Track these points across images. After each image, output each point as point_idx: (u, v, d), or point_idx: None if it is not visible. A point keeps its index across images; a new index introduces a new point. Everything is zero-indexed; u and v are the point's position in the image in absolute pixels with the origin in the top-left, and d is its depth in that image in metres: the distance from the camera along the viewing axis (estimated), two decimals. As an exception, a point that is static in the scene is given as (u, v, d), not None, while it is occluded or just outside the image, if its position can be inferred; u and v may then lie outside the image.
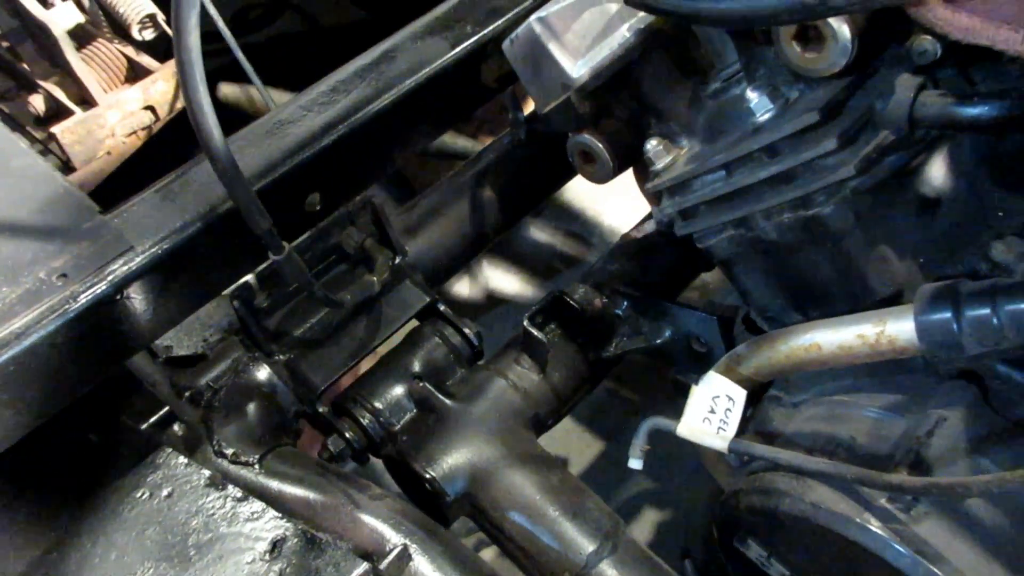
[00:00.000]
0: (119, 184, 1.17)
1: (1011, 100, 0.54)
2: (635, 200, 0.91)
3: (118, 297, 0.70)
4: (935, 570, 0.58)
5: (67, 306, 0.66)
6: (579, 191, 1.90)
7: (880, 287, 0.67)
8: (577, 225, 1.92)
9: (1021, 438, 0.60)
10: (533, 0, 0.91)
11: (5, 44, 1.16)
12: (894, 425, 0.64)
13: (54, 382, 0.69)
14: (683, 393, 0.74)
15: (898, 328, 0.62)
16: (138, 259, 0.69)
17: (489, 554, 1.16)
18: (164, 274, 0.72)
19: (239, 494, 0.72)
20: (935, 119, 0.58)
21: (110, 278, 0.68)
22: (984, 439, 0.61)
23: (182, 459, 0.74)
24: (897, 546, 0.59)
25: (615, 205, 1.80)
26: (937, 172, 0.67)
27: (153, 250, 0.70)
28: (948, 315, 0.59)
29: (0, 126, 0.82)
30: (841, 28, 0.55)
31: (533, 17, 0.73)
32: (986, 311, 0.57)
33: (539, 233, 1.92)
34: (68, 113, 1.04)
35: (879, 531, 0.60)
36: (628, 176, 0.86)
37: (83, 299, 0.67)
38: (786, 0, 0.48)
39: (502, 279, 1.81)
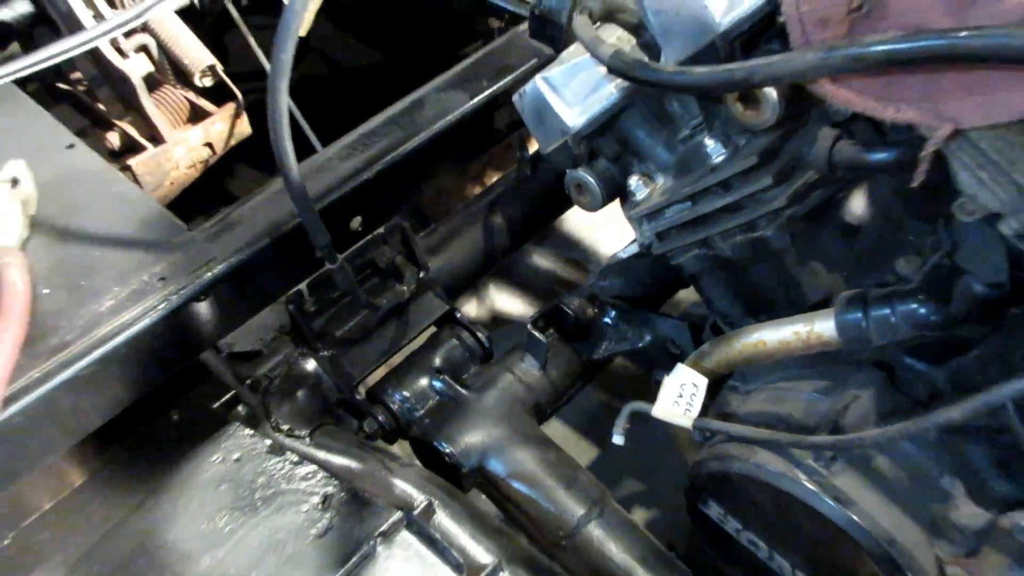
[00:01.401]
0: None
1: (903, 148, 0.71)
2: (621, 233, 1.08)
3: (202, 298, 0.87)
4: (848, 512, 0.74)
5: (166, 303, 0.83)
6: (575, 224, 2.07)
7: (812, 294, 0.84)
8: (574, 253, 2.09)
9: (917, 412, 0.76)
10: (537, 60, 1.09)
11: (82, 88, 1.35)
12: (821, 403, 0.81)
13: (150, 365, 0.85)
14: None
15: (823, 326, 0.79)
16: (219, 267, 0.87)
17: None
18: (237, 281, 0.89)
19: (295, 458, 0.88)
20: (848, 163, 0.74)
21: (198, 281, 0.85)
22: (888, 413, 0.78)
23: (248, 431, 0.90)
24: (819, 494, 0.75)
25: (605, 237, 1.98)
26: (857, 204, 0.84)
27: (231, 260, 0.87)
28: (859, 315, 0.75)
29: (100, 160, 1.00)
30: (771, 93, 0.72)
31: (538, 76, 0.90)
32: (886, 311, 0.74)
33: (540, 260, 2.09)
34: (140, 148, 1.22)
35: (806, 483, 0.76)
36: (615, 212, 1.03)
37: (177, 298, 0.84)
38: (723, 77, 0.65)
39: (507, 301, 1.98)
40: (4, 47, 1.38)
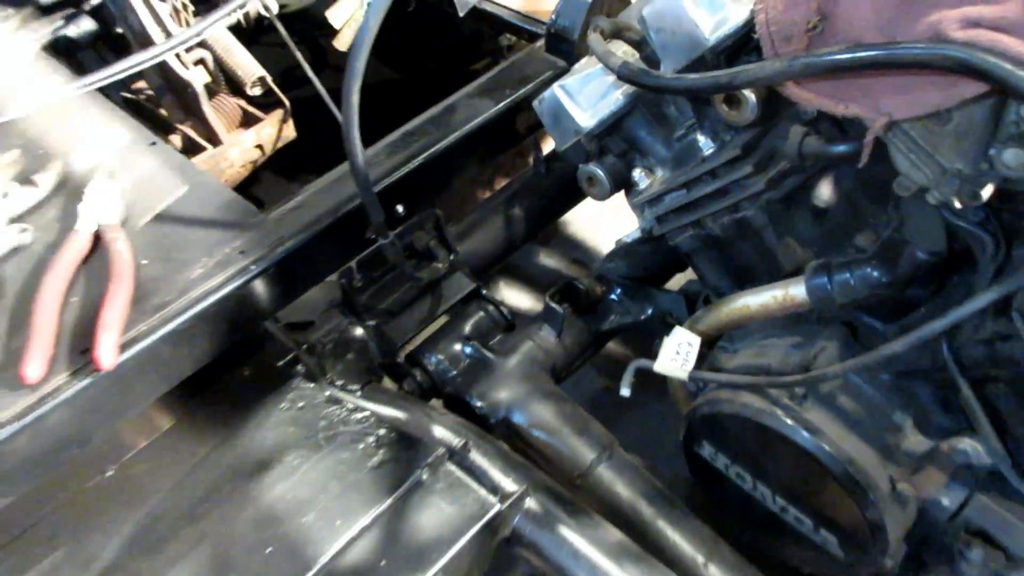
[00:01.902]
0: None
1: (858, 143, 0.87)
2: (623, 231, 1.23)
3: (272, 270, 1.03)
4: (816, 439, 0.90)
5: (246, 271, 0.99)
6: (581, 225, 2.24)
7: (787, 265, 1.00)
8: (579, 252, 2.26)
9: (873, 359, 0.92)
10: (551, 71, 1.26)
11: (143, 96, 1.51)
12: (794, 354, 0.96)
13: (230, 324, 1.01)
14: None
15: (796, 291, 0.94)
16: (289, 243, 1.03)
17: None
18: (302, 256, 1.05)
19: (351, 406, 1.03)
20: (814, 154, 0.90)
21: (272, 254, 1.01)
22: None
23: (309, 384, 1.06)
24: (793, 425, 0.91)
25: (608, 236, 2.14)
26: (825, 189, 1.00)
27: (298, 237, 1.03)
28: (825, 280, 0.91)
29: (179, 154, 1.16)
30: (749, 95, 0.88)
31: (555, 85, 1.06)
32: (847, 276, 0.90)
33: (547, 259, 2.25)
34: (200, 149, 1.38)
35: (782, 417, 0.91)
36: (617, 214, 1.18)
37: (255, 267, 1.00)
38: (711, 81, 0.81)
39: (517, 296, 2.14)
40: (70, 59, 1.54)
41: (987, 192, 0.72)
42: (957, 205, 0.73)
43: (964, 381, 0.84)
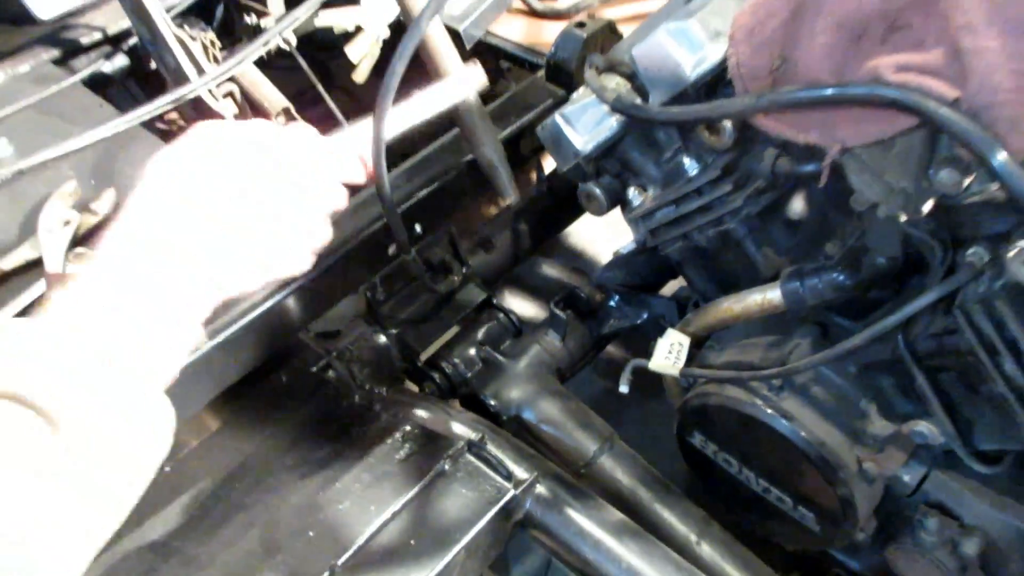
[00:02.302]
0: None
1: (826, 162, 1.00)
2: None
3: (307, 286, 1.15)
4: (791, 425, 1.02)
5: (285, 288, 1.11)
6: (580, 239, 2.37)
7: (766, 272, 1.11)
8: (579, 263, 2.38)
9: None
10: (552, 100, 1.39)
11: (175, 128, 1.64)
12: (773, 351, 1.08)
13: (271, 336, 1.13)
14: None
15: (773, 294, 1.06)
16: (321, 261, 1.14)
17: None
18: (332, 273, 1.17)
19: (379, 406, 1.15)
20: (786, 173, 1.02)
21: (307, 272, 1.13)
22: (821, 355, 1.06)
23: (341, 387, 1.18)
24: (771, 413, 1.03)
25: (606, 249, 2.27)
26: (797, 204, 1.12)
27: (329, 256, 1.15)
28: (797, 284, 1.02)
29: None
30: (727, 124, 1.00)
31: (556, 113, 1.16)
32: (815, 280, 1.01)
33: (550, 270, 2.38)
34: (231, 175, 1.51)
35: (761, 406, 1.03)
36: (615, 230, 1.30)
37: (292, 284, 1.12)
38: (693, 114, 0.94)
39: (521, 305, 2.26)
40: (102, 94, 1.67)
41: (928, 207, 0.84)
42: (903, 218, 0.86)
43: (919, 371, 0.95)
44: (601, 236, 2.20)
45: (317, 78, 1.62)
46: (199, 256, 0.68)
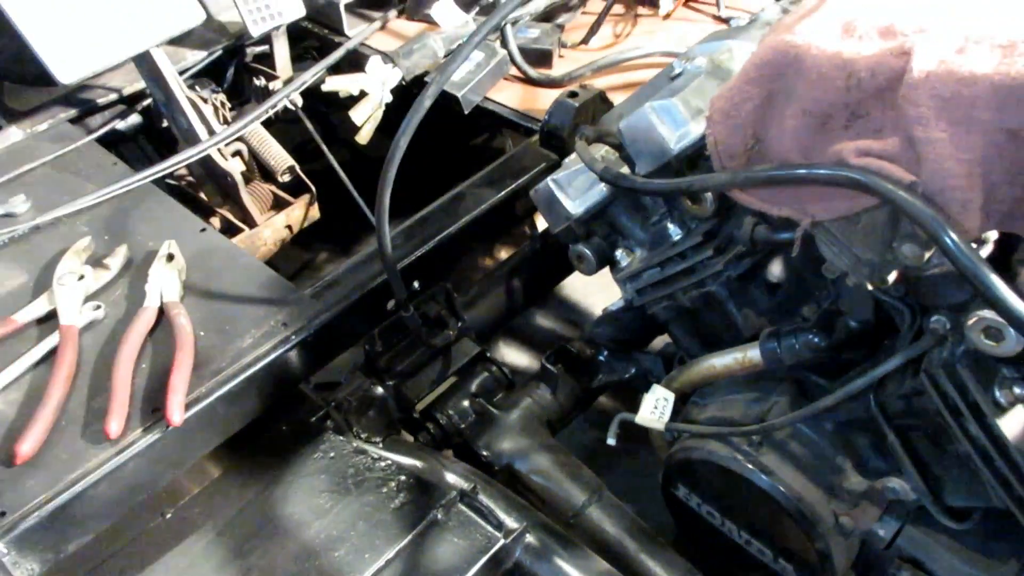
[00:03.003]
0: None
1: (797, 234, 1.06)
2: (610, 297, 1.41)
3: (309, 339, 1.20)
4: (770, 479, 1.06)
5: (288, 341, 1.16)
6: (574, 291, 2.43)
7: (746, 332, 1.17)
8: (573, 315, 2.44)
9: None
10: (545, 163, 1.46)
11: (184, 183, 1.70)
12: (753, 407, 1.13)
13: (273, 387, 1.18)
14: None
15: (752, 353, 1.12)
16: (323, 316, 1.20)
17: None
18: (333, 327, 1.23)
19: (375, 456, 1.19)
20: (764, 240, 1.08)
21: (310, 325, 1.19)
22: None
23: (339, 437, 1.22)
24: (751, 468, 1.07)
25: (598, 301, 2.33)
26: (776, 268, 1.18)
27: (332, 311, 1.21)
28: (775, 344, 1.08)
29: (225, 239, 1.34)
30: (707, 195, 1.07)
31: (549, 178, 1.23)
32: (792, 341, 1.07)
33: (544, 320, 2.44)
34: (238, 230, 1.57)
35: (742, 460, 1.08)
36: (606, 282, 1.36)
37: (295, 337, 1.17)
38: (674, 185, 1.00)
39: (516, 356, 2.32)
40: (115, 150, 1.74)
41: (892, 276, 0.90)
42: (869, 287, 0.92)
43: (889, 429, 1.00)
44: (593, 290, 2.26)
45: (320, 130, 1.69)
46: None
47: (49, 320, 1.18)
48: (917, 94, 0.74)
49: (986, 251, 0.86)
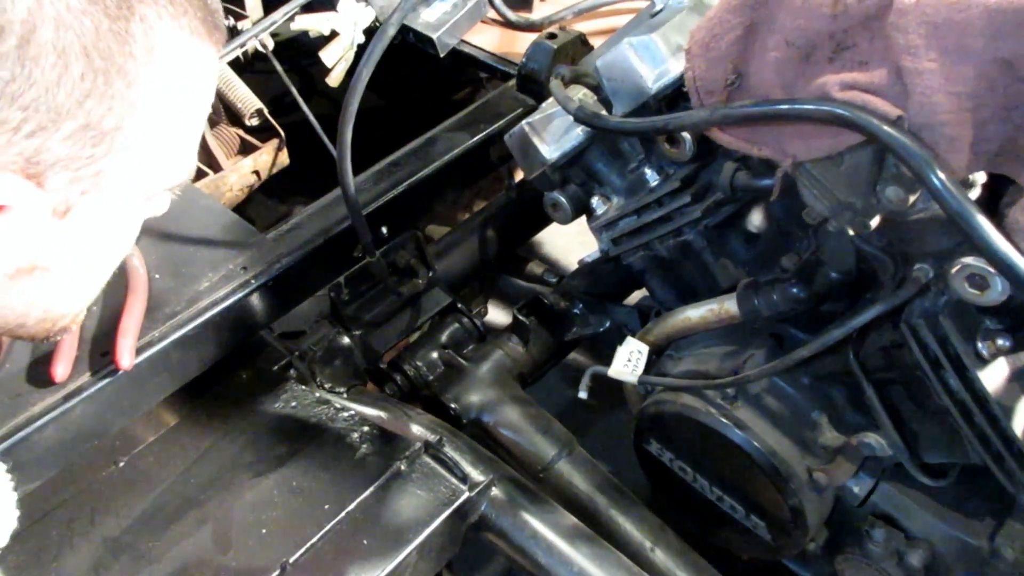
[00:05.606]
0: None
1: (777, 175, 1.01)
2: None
3: (270, 284, 1.16)
4: (743, 434, 1.03)
5: (248, 285, 1.12)
6: (552, 247, 2.39)
7: (724, 283, 1.13)
8: (550, 274, 2.40)
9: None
10: (522, 109, 1.40)
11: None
12: (728, 361, 1.10)
13: (232, 332, 1.13)
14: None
15: (729, 305, 1.08)
16: (285, 260, 1.15)
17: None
18: (296, 272, 1.18)
19: (338, 406, 1.15)
20: (744, 187, 1.04)
21: (271, 270, 1.14)
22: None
23: (301, 387, 1.18)
24: (725, 422, 1.04)
25: (576, 257, 2.29)
26: (756, 216, 1.14)
27: (294, 255, 1.16)
28: (753, 296, 1.05)
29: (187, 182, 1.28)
30: (686, 136, 1.02)
31: (524, 122, 1.18)
32: (771, 292, 1.04)
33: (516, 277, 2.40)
34: (203, 174, 1.51)
35: (715, 415, 1.05)
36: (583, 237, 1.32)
37: (255, 282, 1.12)
38: (650, 125, 0.95)
39: (495, 313, 2.28)
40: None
41: (875, 222, 0.86)
42: (851, 232, 0.88)
43: (868, 384, 0.97)
44: (571, 243, 2.22)
45: (297, 82, 1.62)
46: None
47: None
48: (907, 20, 0.70)
49: (974, 194, 0.82)
